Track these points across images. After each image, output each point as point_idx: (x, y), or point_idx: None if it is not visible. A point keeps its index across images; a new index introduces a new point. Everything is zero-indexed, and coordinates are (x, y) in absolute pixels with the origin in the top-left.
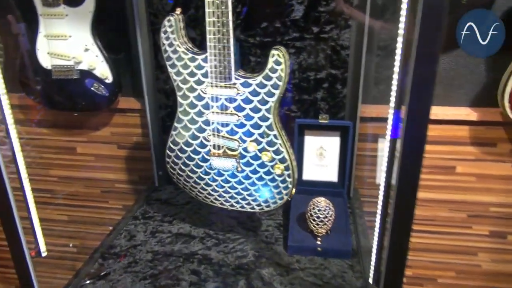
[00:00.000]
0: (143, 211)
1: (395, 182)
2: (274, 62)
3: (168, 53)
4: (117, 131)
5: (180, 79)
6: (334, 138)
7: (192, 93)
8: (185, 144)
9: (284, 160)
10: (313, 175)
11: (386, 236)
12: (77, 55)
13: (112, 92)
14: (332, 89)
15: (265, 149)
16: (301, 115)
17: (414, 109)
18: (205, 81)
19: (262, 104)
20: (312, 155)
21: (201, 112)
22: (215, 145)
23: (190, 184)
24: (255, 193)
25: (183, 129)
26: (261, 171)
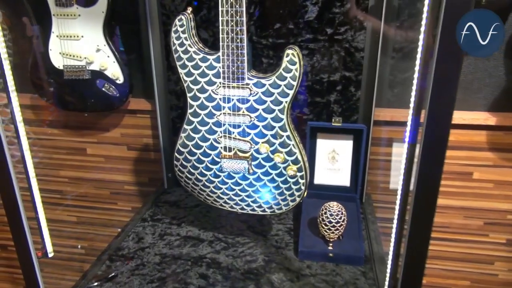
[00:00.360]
0: (151, 213)
1: (414, 188)
2: (288, 61)
3: (179, 53)
4: (127, 133)
5: (190, 79)
6: (347, 141)
7: (203, 93)
8: (195, 146)
9: (297, 162)
10: (325, 179)
11: (403, 243)
12: (88, 55)
13: (123, 93)
14: (345, 91)
15: (277, 150)
16: (313, 118)
17: (435, 112)
18: (217, 81)
19: (276, 104)
20: (324, 158)
21: (212, 113)
22: (226, 147)
23: (199, 188)
24: (266, 196)
25: (193, 131)
26: (273, 173)
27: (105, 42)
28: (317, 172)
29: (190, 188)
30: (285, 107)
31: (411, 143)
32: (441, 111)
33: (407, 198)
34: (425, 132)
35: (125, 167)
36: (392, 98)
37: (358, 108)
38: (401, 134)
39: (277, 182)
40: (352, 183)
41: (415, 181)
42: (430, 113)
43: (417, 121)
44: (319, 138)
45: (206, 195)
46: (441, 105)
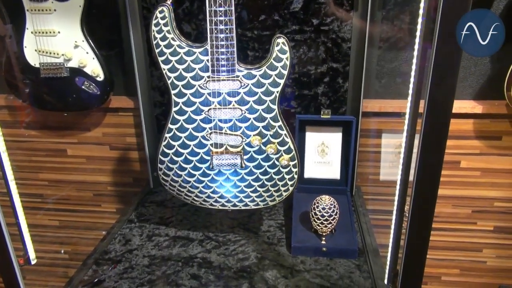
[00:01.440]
0: (138, 214)
1: (414, 179)
2: (279, 50)
3: (161, 47)
4: (109, 132)
5: (175, 75)
6: (336, 134)
7: (189, 89)
8: (181, 146)
9: (290, 151)
10: (315, 173)
11: (404, 235)
12: (66, 52)
13: (104, 90)
14: (333, 83)
15: (270, 141)
16: (301, 111)
17: (435, 102)
18: (204, 75)
19: (267, 95)
20: (313, 152)
21: (200, 110)
22: (215, 144)
23: (186, 190)
24: (259, 189)
25: (179, 130)
26: (265, 164)
27: (84, 38)
28: (307, 165)
29: (175, 191)
30: (276, 97)
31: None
32: (441, 101)
33: (406, 189)
34: (425, 123)
35: (108, 167)
36: (380, 89)
37: (346, 100)
38: (390, 125)
39: (269, 173)
40: (342, 176)
41: (415, 172)
42: (429, 103)
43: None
44: (308, 131)
45: (194, 196)
46: (441, 95)
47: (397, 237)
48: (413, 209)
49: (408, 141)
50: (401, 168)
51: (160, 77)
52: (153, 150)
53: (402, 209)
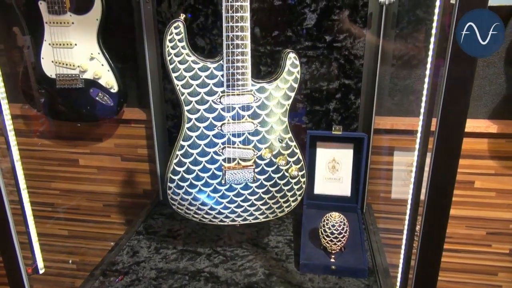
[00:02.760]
0: (146, 225)
1: (425, 198)
2: (291, 65)
3: (175, 63)
4: (121, 143)
5: (188, 91)
6: (348, 150)
7: (202, 105)
8: (193, 163)
9: (299, 161)
10: (325, 189)
11: (414, 255)
12: (82, 63)
13: (117, 102)
14: (345, 99)
15: (280, 153)
16: (312, 126)
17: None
18: (218, 90)
19: (278, 108)
20: (324, 168)
21: (213, 125)
22: (227, 158)
23: (196, 207)
24: (269, 201)
25: (191, 146)
26: (275, 176)
27: (99, 50)
28: (317, 181)
29: (184, 210)
30: (287, 110)
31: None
32: (454, 119)
33: (417, 208)
34: (437, 141)
35: (118, 178)
36: (393, 106)
37: (358, 117)
38: (402, 143)
39: (279, 185)
40: (353, 193)
41: (426, 191)
42: (441, 121)
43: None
44: (318, 147)
45: (204, 213)
46: (454, 113)
47: (407, 258)
48: (424, 229)
49: (420, 159)
50: (412, 186)
51: (173, 90)
52: (164, 162)
53: (413, 229)
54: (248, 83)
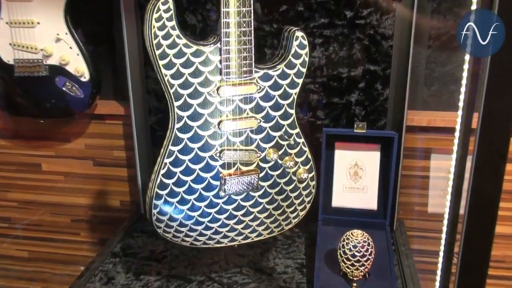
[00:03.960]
0: (124, 246)
1: (465, 212)
2: (298, 45)
3: (163, 48)
4: (94, 144)
5: (179, 82)
6: (373, 153)
7: (196, 99)
8: (185, 172)
9: (308, 161)
10: (345, 201)
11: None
12: (46, 46)
13: (89, 93)
14: (370, 90)
15: (286, 153)
16: (329, 123)
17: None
18: (215, 80)
19: (284, 98)
20: (344, 175)
21: (208, 123)
22: (226, 163)
23: (187, 228)
24: (274, 212)
25: (183, 151)
26: (281, 182)
27: (67, 30)
28: (335, 192)
29: (171, 233)
30: (294, 100)
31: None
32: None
33: (456, 225)
34: (479, 141)
35: (90, 187)
36: (430, 98)
37: (386, 111)
38: (442, 143)
39: (285, 192)
40: (380, 206)
41: (466, 203)
42: (484, 116)
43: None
44: (337, 149)
45: (196, 235)
46: (499, 106)
47: (444, 286)
48: (464, 250)
49: (458, 163)
50: (449, 197)
51: (157, 79)
52: (146, 167)
53: (450, 250)
54: (252, 69)
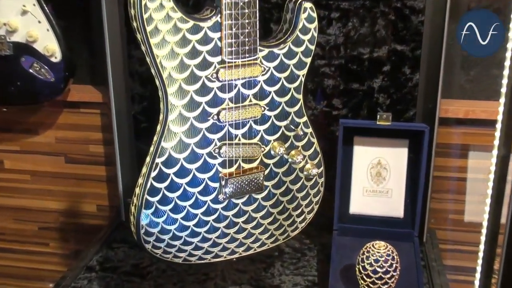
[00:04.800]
0: (102, 258)
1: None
2: (306, 19)
3: (155, 23)
4: (66, 136)
5: (174, 65)
6: (400, 150)
7: (193, 84)
8: (180, 174)
9: (316, 154)
10: (365, 207)
11: None
12: (10, 20)
13: (61, 76)
14: (396, 74)
15: (293, 146)
16: (347, 113)
17: None
18: (214, 61)
19: (291, 81)
20: (364, 175)
21: (206, 114)
22: (227, 161)
23: (181, 241)
24: (278, 217)
25: (177, 149)
26: (287, 180)
27: (35, 1)
28: (354, 196)
29: (161, 250)
30: (301, 83)
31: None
32: None
33: (496, 237)
34: None
35: (62, 189)
36: (468, 85)
37: (415, 99)
38: (483, 139)
39: (291, 192)
40: (407, 213)
41: (509, 211)
42: None
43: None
44: (357, 145)
45: (191, 249)
46: None
47: None
48: (506, 268)
49: (500, 164)
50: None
51: (142, 59)
52: (128, 165)
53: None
54: (256, 47)
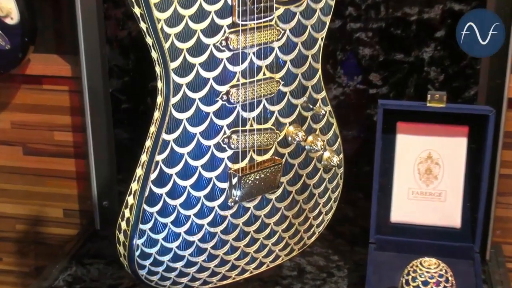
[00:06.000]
0: (71, 277)
1: None
2: None
3: None
4: (25, 121)
5: (177, 31)
6: (457, 140)
7: (199, 56)
8: (182, 174)
9: (336, 138)
10: (411, 214)
11: None
12: None
13: (18, 42)
14: (453, 42)
15: (311, 128)
16: (389, 92)
17: None
18: (223, 25)
19: (309, 46)
20: (409, 172)
21: (214, 93)
22: (236, 154)
23: (182, 264)
24: (294, 221)
25: (180, 141)
26: (304, 173)
27: None
28: (396, 200)
29: (158, 275)
30: (320, 49)
31: None
32: None
33: None
34: None
35: (19, 188)
36: None
37: (477, 75)
38: None
39: (308, 188)
40: (465, 222)
41: None
42: None
43: None
44: (401, 133)
45: (194, 271)
46: None
47: None
48: None
49: None
50: None
51: (122, 20)
52: (104, 159)
53: None
54: (273, 4)
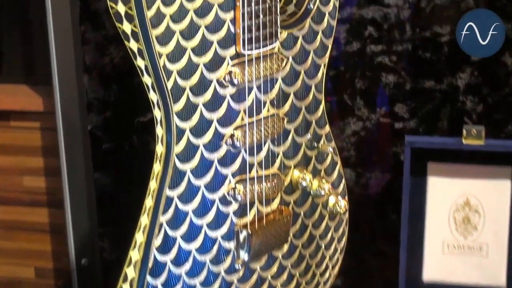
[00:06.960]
0: None
1: None
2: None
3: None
4: None
5: (180, 67)
6: (499, 182)
7: (202, 94)
8: (187, 237)
9: (340, 179)
10: (447, 272)
11: None
12: None
13: None
14: (493, 65)
15: (316, 170)
16: (417, 126)
17: None
18: (226, 55)
19: (311, 75)
20: (444, 222)
21: (219, 137)
22: (242, 207)
23: None
24: (300, 280)
25: (185, 197)
26: (309, 223)
27: None
28: (429, 255)
29: None
30: (323, 77)
31: None
32: None
33: None
34: None
35: None
36: None
37: None
38: None
39: (314, 240)
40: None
41: None
42: None
43: None
44: (432, 175)
45: None
46: None
47: None
48: None
49: None
50: None
51: (103, 45)
52: (81, 208)
53: None
54: (278, 30)
